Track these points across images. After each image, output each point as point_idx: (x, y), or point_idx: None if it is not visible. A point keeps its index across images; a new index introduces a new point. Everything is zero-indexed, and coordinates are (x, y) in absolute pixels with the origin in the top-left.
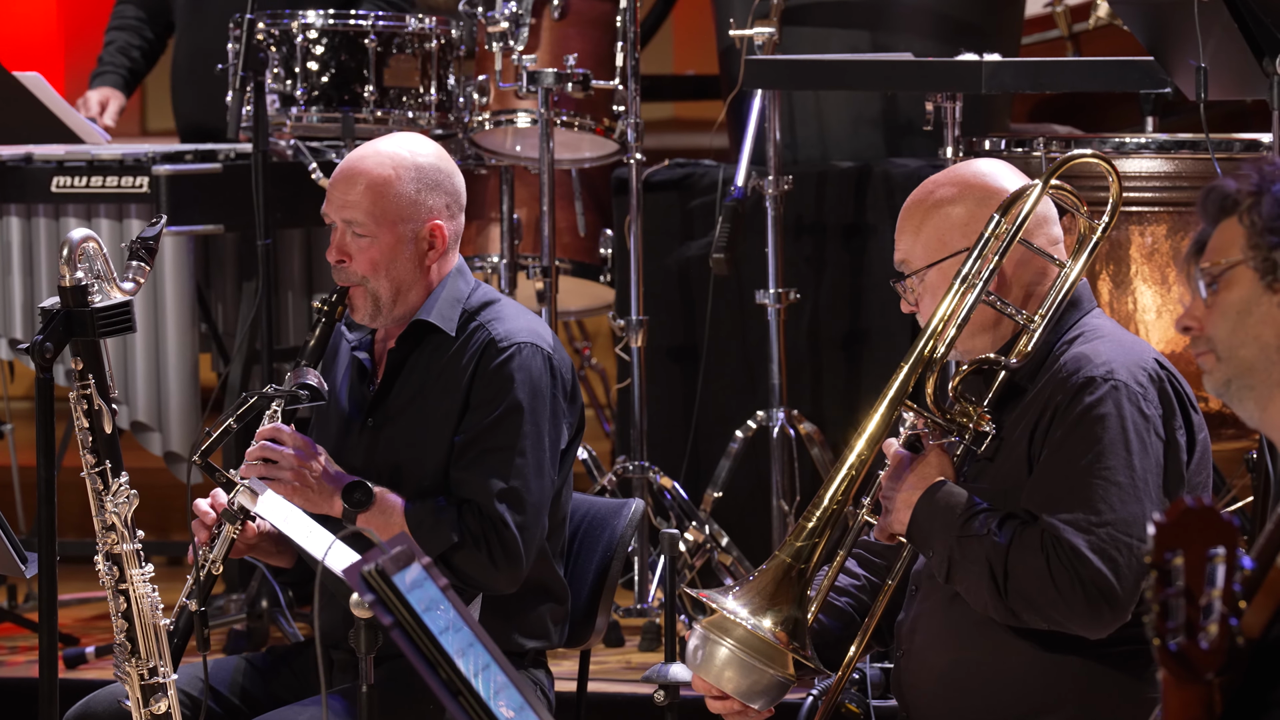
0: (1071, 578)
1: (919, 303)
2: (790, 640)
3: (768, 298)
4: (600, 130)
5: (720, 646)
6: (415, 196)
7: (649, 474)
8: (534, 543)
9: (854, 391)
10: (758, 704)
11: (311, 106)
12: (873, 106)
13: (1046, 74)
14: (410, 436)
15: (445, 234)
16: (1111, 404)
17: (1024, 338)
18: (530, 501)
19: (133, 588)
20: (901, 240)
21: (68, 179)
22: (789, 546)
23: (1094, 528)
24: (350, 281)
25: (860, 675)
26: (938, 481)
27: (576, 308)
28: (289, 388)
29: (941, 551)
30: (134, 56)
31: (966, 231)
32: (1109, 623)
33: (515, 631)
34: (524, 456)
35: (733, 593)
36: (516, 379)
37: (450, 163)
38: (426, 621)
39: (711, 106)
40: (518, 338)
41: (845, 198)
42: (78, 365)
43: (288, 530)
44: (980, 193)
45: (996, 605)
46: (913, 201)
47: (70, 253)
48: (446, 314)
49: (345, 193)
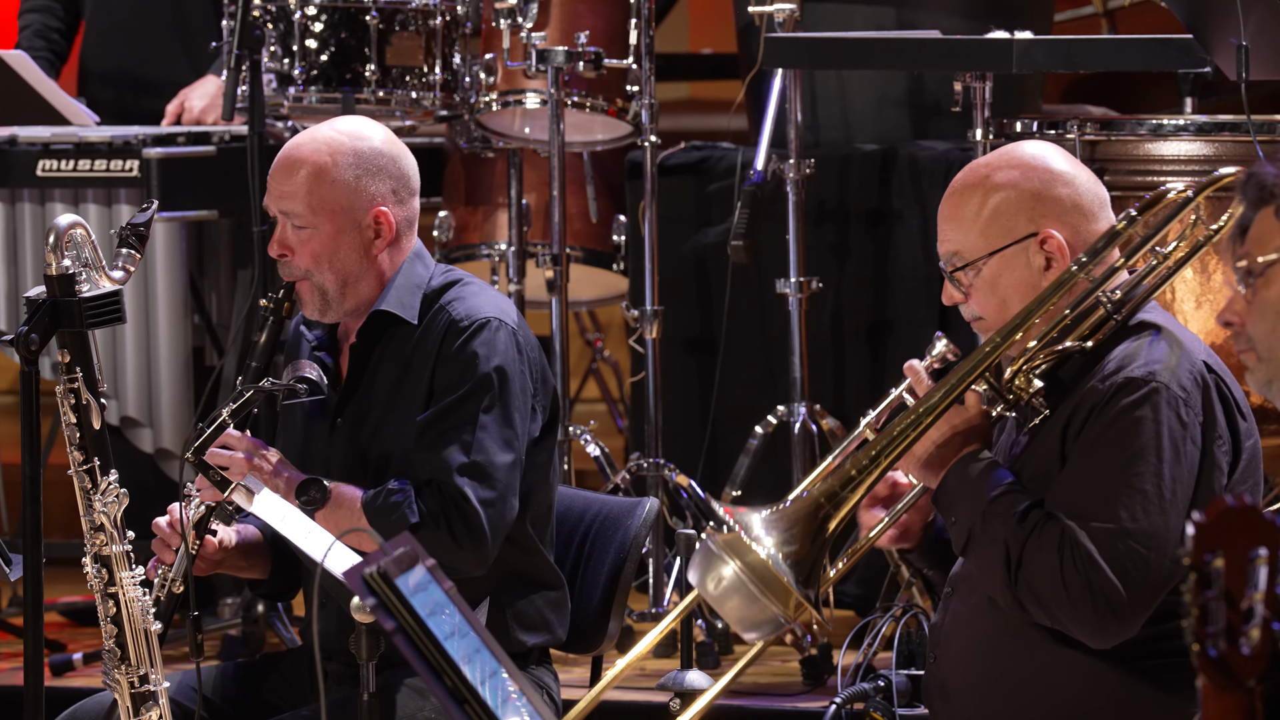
0: (1083, 583)
1: (970, 294)
2: (802, 582)
3: (788, 287)
4: (613, 111)
5: (729, 567)
6: (355, 184)
7: (664, 472)
8: (500, 520)
9: (879, 385)
10: (749, 635)
11: (310, 86)
12: (898, 87)
13: (1080, 53)
14: (384, 433)
15: (392, 221)
16: (1149, 408)
17: (1105, 327)
18: (496, 477)
19: (122, 591)
20: (952, 229)
21: (54, 162)
22: (825, 485)
23: (1113, 538)
24: (294, 276)
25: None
26: (975, 450)
27: (588, 297)
28: (286, 381)
29: (964, 522)
30: (53, 39)
31: (1032, 216)
32: (1112, 635)
33: (514, 627)
34: (486, 430)
35: (760, 516)
36: (480, 354)
37: (397, 146)
38: (431, 626)
39: (729, 86)
40: (480, 314)
41: (869, 182)
42: (65, 358)
43: (285, 531)
44: (1044, 175)
45: (1005, 590)
46: (964, 186)
47: (57, 240)
48: (406, 301)
49: (282, 183)
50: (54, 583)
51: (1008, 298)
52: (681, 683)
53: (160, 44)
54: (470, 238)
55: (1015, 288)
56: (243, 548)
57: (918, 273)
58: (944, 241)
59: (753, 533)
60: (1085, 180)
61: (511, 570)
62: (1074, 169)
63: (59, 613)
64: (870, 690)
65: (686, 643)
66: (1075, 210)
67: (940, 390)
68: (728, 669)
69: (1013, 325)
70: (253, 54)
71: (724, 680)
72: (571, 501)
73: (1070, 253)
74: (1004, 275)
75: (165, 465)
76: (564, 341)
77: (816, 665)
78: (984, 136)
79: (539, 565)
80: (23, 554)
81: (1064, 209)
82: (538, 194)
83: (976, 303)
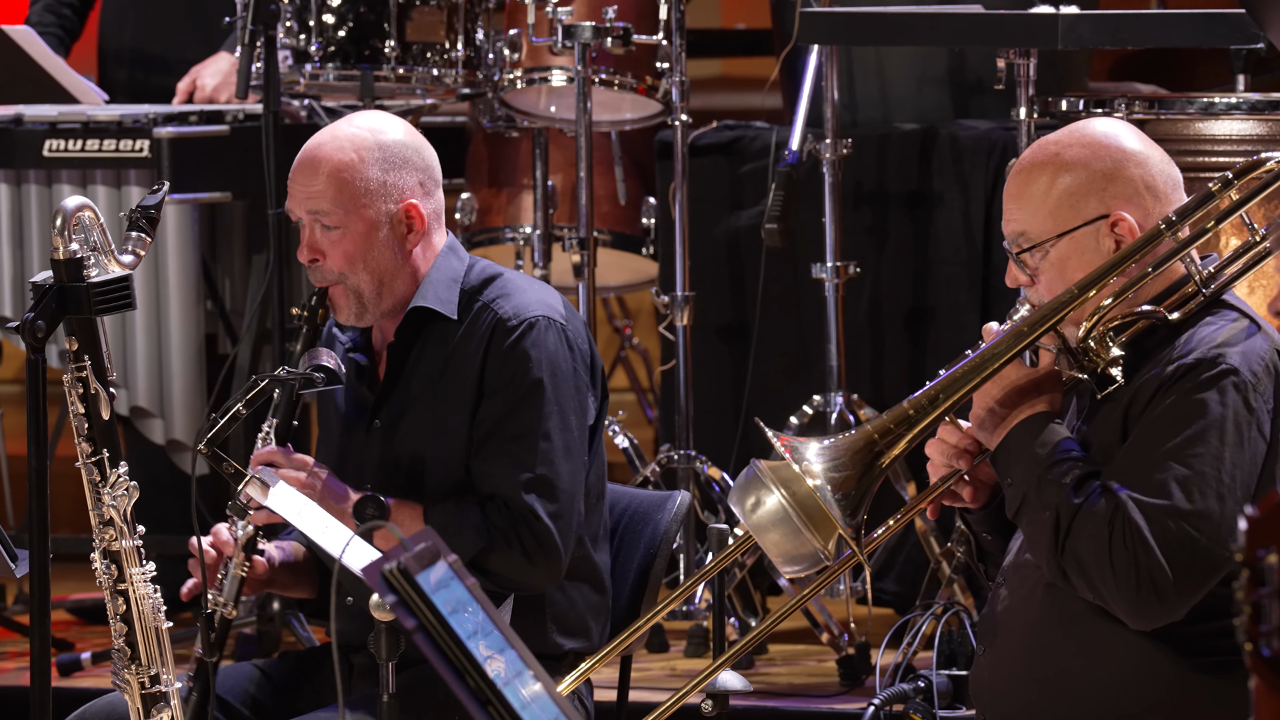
0: (1129, 560)
1: (1038, 277)
2: (848, 514)
3: (825, 272)
4: (642, 89)
5: (773, 495)
6: (383, 178)
7: (695, 464)
8: (570, 531)
9: (918, 373)
10: (787, 569)
11: (327, 63)
12: (939, 64)
13: (1128, 28)
14: (423, 433)
15: (423, 213)
16: (1217, 390)
17: (1192, 302)
18: (561, 488)
19: (133, 588)
20: (1019, 208)
21: (61, 142)
22: (881, 421)
23: (1166, 516)
24: (327, 280)
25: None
26: (1041, 413)
27: (616, 283)
28: (303, 370)
29: (1019, 485)
30: (65, 14)
31: (1103, 198)
32: (1153, 616)
33: (553, 630)
34: (549, 440)
35: (811, 447)
36: (532, 357)
37: (417, 137)
38: (453, 625)
39: (763, 63)
40: (528, 313)
41: (909, 163)
42: (72, 345)
43: (302, 526)
44: (1116, 155)
45: (1050, 559)
46: (1033, 164)
47: (64, 223)
48: (444, 296)
49: (307, 184)
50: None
51: (1075, 281)
52: (715, 684)
53: (175, 21)
54: (493, 220)
55: (1084, 271)
56: (289, 566)
57: (959, 256)
58: (1010, 221)
59: (802, 461)
60: (1158, 160)
61: None
62: (1147, 148)
63: (67, 610)
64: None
65: (719, 641)
66: (1148, 192)
67: (1009, 337)
68: (761, 668)
69: (1093, 278)
70: (268, 29)
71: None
72: None
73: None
74: (1072, 258)
75: (177, 457)
76: (591, 328)
77: (854, 665)
78: (1028, 115)
79: (584, 563)
80: (29, 549)
81: (1136, 190)
82: (564, 175)
83: (1042, 286)
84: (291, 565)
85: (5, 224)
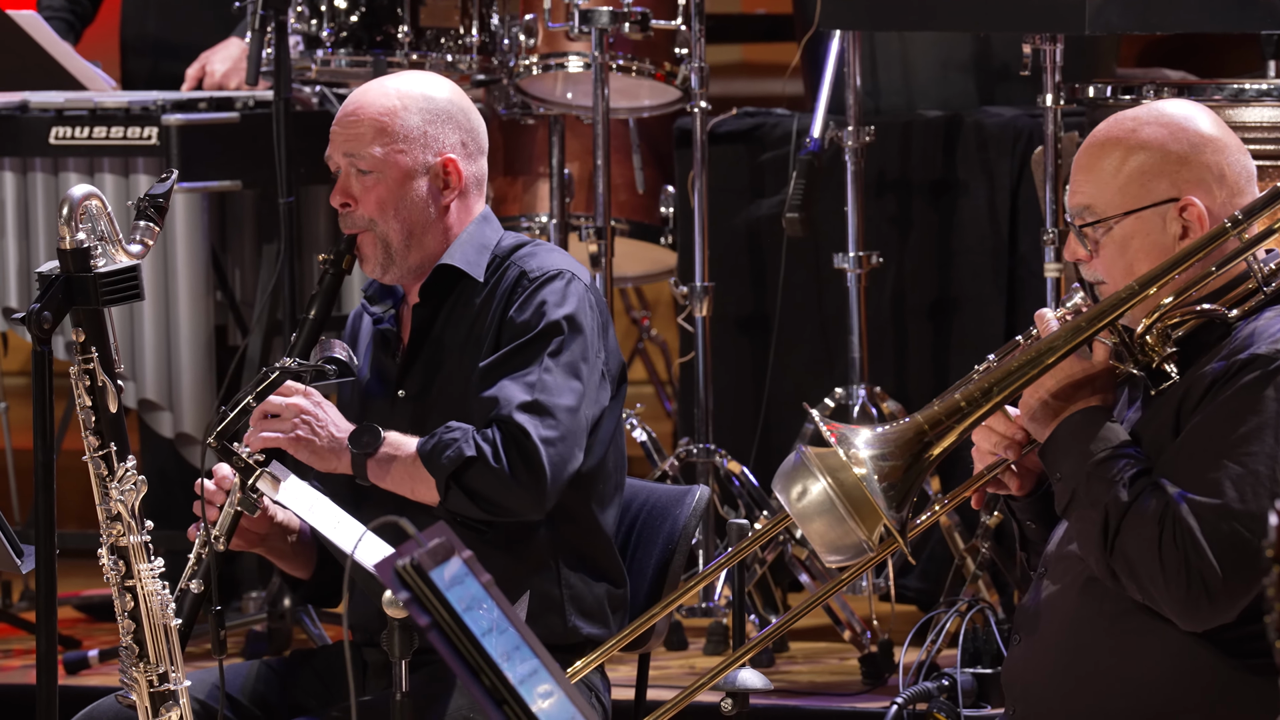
0: (1180, 561)
1: (1098, 253)
2: (894, 507)
3: (847, 262)
4: (660, 75)
5: (819, 483)
6: (424, 128)
7: (715, 458)
8: (562, 462)
9: (942, 366)
10: (830, 558)
11: (339, 49)
12: (964, 49)
13: (1157, 12)
14: (451, 403)
15: (463, 172)
16: (1272, 388)
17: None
18: (558, 418)
19: (140, 584)
20: (1087, 181)
21: (68, 129)
22: (931, 412)
23: (1218, 516)
24: (357, 227)
25: (951, 682)
26: (1094, 407)
27: (634, 273)
28: (314, 362)
29: (1068, 480)
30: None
31: (1175, 181)
32: (1203, 618)
33: (571, 611)
34: (553, 374)
35: (861, 435)
36: (549, 301)
37: (467, 101)
38: (468, 622)
39: (784, 49)
40: (553, 266)
41: (933, 150)
42: (79, 337)
43: (313, 520)
44: (1193, 139)
45: (1099, 557)
46: (1107, 138)
47: (71, 212)
48: (473, 259)
49: (348, 127)
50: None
51: (1136, 263)
52: (734, 682)
53: (195, 11)
54: (509, 210)
55: (1146, 253)
56: (290, 529)
57: (984, 246)
58: (1076, 193)
59: (850, 450)
60: (1235, 150)
61: (573, 549)
62: (1224, 136)
63: (74, 607)
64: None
65: (739, 639)
66: (1221, 181)
67: (1066, 331)
68: (782, 666)
69: (1154, 274)
70: (278, 14)
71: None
72: None
73: (1211, 224)
74: (1136, 238)
75: (186, 451)
76: None
77: (877, 663)
78: (1054, 102)
79: (601, 551)
80: (35, 545)
81: (1210, 177)
82: (581, 163)
83: (1102, 264)
84: (289, 529)
85: (11, 213)
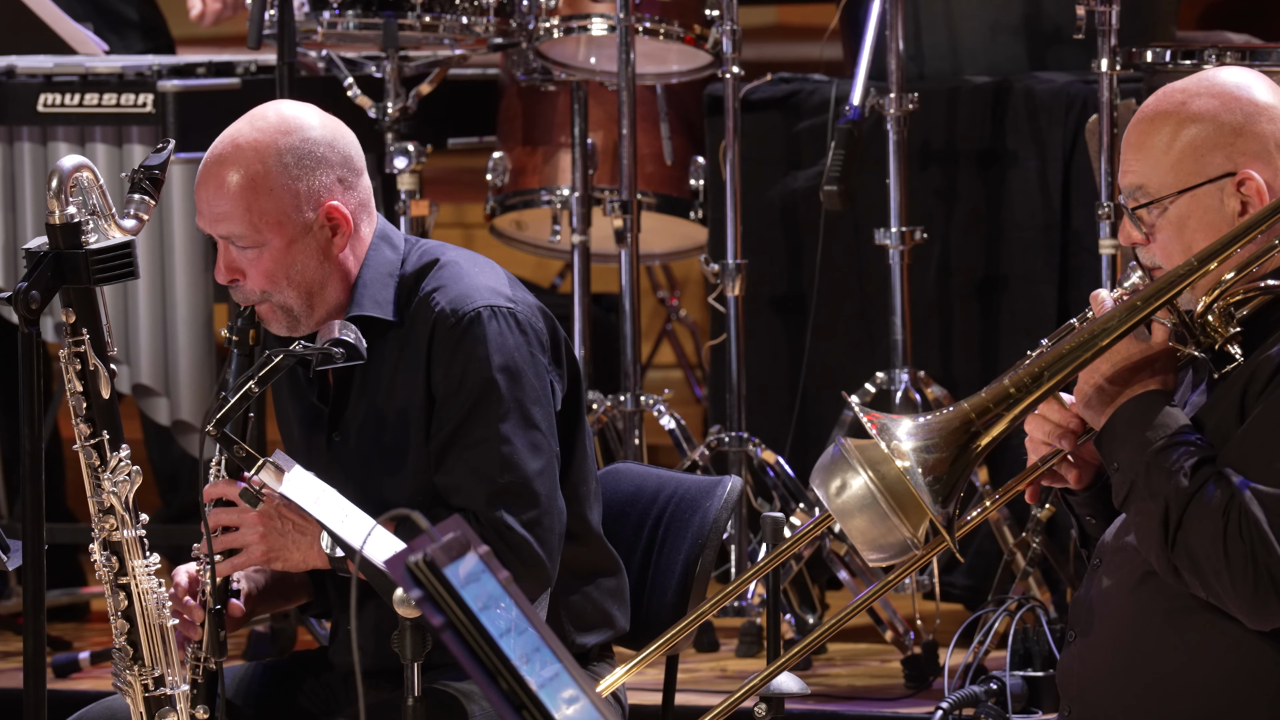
0: (1246, 554)
1: (1154, 236)
2: (940, 501)
3: (889, 238)
4: (689, 39)
5: (859, 477)
6: (294, 185)
7: (748, 447)
8: (552, 534)
9: (990, 350)
10: (873, 557)
11: (347, 11)
12: (1013, 11)
13: None
14: (380, 446)
15: (346, 213)
16: None
17: None
18: (535, 490)
19: (135, 582)
20: (1138, 160)
21: (57, 96)
22: (979, 400)
23: None
24: (250, 300)
25: (999, 686)
26: (1152, 391)
27: (662, 250)
28: (320, 345)
29: (1126, 471)
30: None
31: (1231, 154)
32: (1273, 615)
33: (571, 629)
34: (509, 443)
35: (903, 426)
36: (479, 356)
37: (330, 125)
38: (484, 621)
39: (822, 10)
40: (469, 304)
41: (980, 119)
42: (69, 318)
43: (320, 514)
44: (1247, 108)
45: (1160, 553)
46: (1156, 112)
47: (60, 184)
48: (380, 297)
49: (213, 204)
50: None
51: (1194, 244)
52: (769, 686)
53: None
54: (528, 182)
55: (1204, 233)
56: (273, 588)
57: (1035, 221)
58: (1127, 173)
59: (891, 441)
60: None
61: (565, 565)
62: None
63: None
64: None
65: (774, 640)
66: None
67: (1121, 311)
68: (819, 669)
69: (1214, 249)
70: None
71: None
72: (643, 480)
73: (1271, 197)
74: (1193, 217)
75: (183, 439)
76: (634, 300)
77: (921, 666)
78: (1110, 67)
79: (588, 552)
80: (22, 540)
81: (1267, 148)
82: (605, 132)
83: (1159, 247)
84: (276, 587)
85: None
